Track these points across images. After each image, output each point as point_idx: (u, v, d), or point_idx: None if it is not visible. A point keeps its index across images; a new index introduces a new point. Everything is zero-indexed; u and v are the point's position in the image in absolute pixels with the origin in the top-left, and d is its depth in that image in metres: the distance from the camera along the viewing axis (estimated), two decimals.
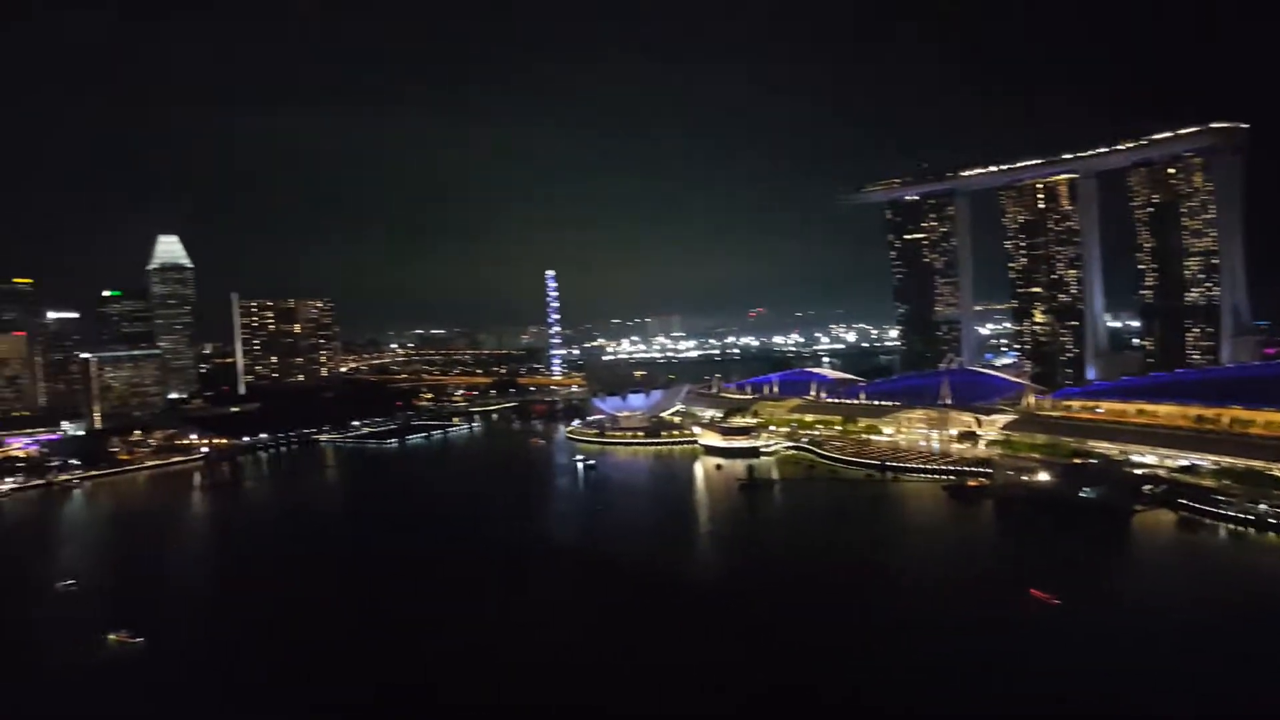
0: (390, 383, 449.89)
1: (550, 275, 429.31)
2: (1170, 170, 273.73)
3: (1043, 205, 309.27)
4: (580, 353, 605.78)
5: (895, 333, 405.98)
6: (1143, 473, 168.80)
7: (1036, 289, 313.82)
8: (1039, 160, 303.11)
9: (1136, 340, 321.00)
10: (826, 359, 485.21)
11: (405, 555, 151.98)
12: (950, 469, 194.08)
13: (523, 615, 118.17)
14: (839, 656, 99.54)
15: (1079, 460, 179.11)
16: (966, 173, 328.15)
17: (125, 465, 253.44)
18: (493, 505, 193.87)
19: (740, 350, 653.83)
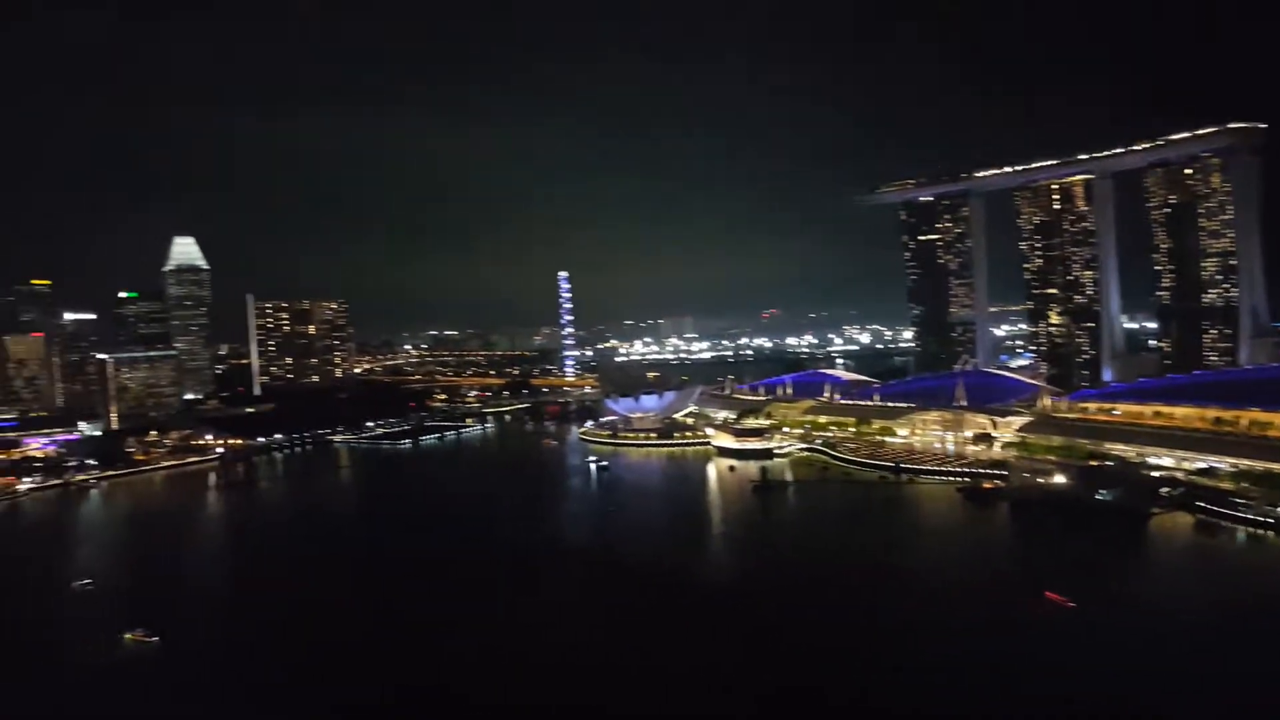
0: (404, 384, 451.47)
1: (563, 276, 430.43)
2: (1187, 171, 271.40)
3: (1058, 206, 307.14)
4: (593, 354, 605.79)
5: (910, 334, 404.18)
6: (1159, 475, 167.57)
7: (1052, 290, 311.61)
8: (1054, 161, 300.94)
9: (1153, 342, 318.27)
10: (840, 360, 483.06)
11: (419, 555, 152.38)
12: (965, 471, 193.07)
13: (535, 616, 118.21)
14: (849, 658, 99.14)
15: (1095, 462, 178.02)
16: (981, 173, 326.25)
17: (141, 465, 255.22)
18: (505, 506, 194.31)
19: (753, 351, 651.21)
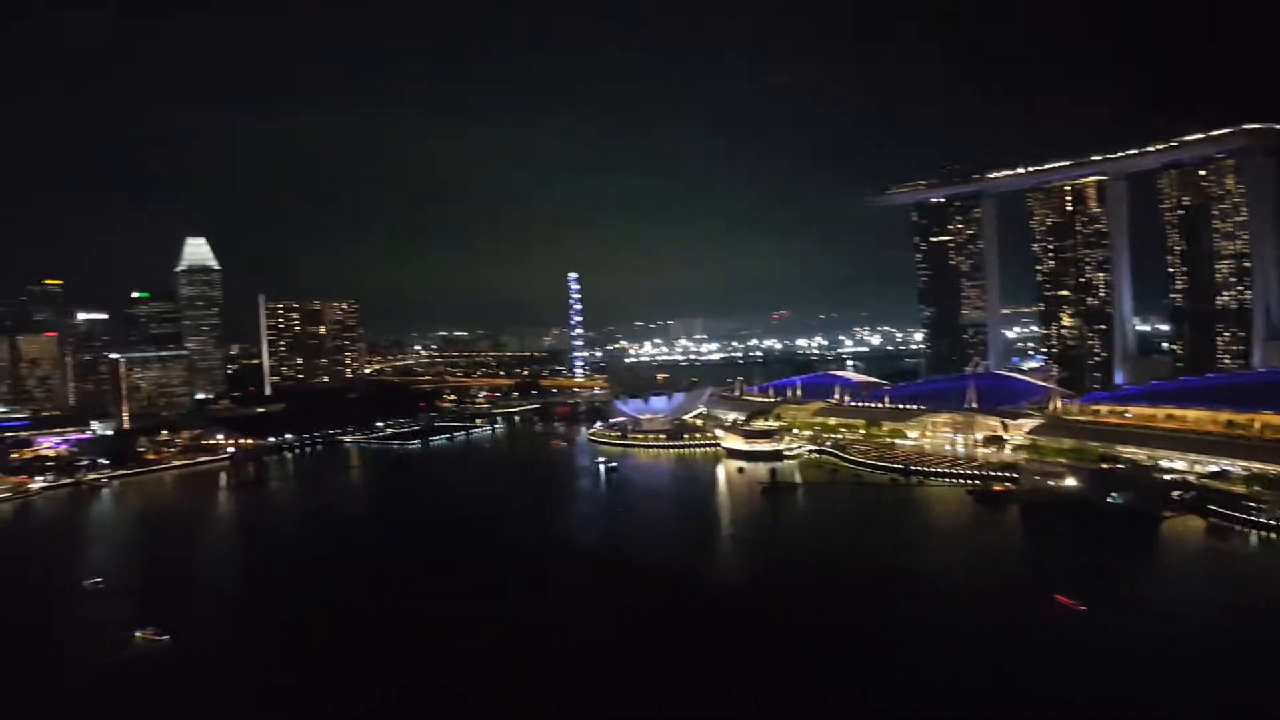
0: (414, 384, 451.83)
1: (573, 277, 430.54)
2: (1201, 172, 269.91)
3: (1071, 207, 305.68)
4: (602, 355, 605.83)
5: (920, 336, 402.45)
6: (1171, 478, 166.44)
7: (1064, 292, 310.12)
8: (1067, 162, 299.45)
9: (1166, 344, 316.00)
10: (850, 362, 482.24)
11: (428, 556, 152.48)
12: (976, 473, 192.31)
13: (543, 616, 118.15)
14: (857, 660, 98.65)
15: (1106, 465, 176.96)
16: (993, 174, 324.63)
17: (153, 465, 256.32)
18: (514, 507, 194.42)
19: (763, 353, 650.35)
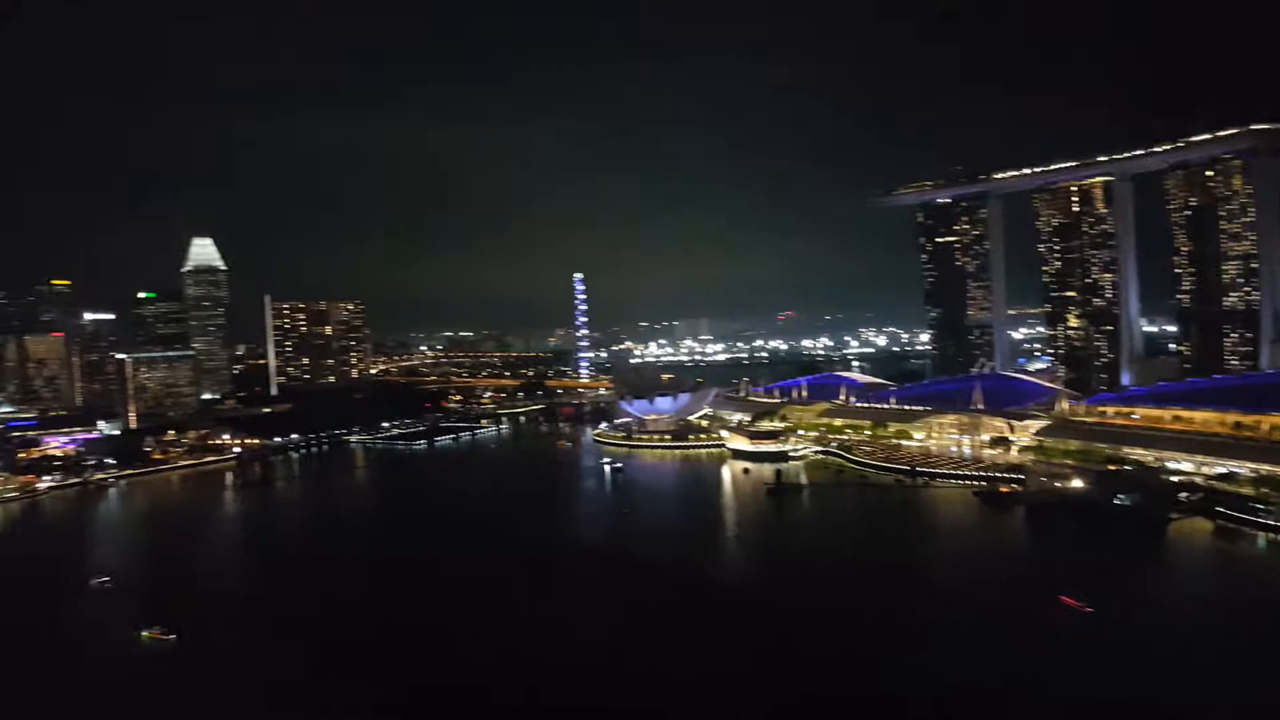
0: (419, 384, 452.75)
1: (578, 278, 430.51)
2: (1208, 172, 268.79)
3: (1077, 208, 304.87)
4: (608, 355, 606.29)
5: (926, 337, 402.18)
6: (1179, 480, 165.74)
7: (1071, 293, 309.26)
8: (1073, 163, 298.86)
9: (1172, 345, 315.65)
10: (856, 363, 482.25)
11: (433, 555, 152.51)
12: (982, 475, 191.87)
13: (548, 616, 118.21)
14: (862, 661, 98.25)
15: (1113, 467, 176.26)
16: (999, 175, 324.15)
17: (159, 465, 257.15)
18: (519, 507, 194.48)
19: (768, 354, 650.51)
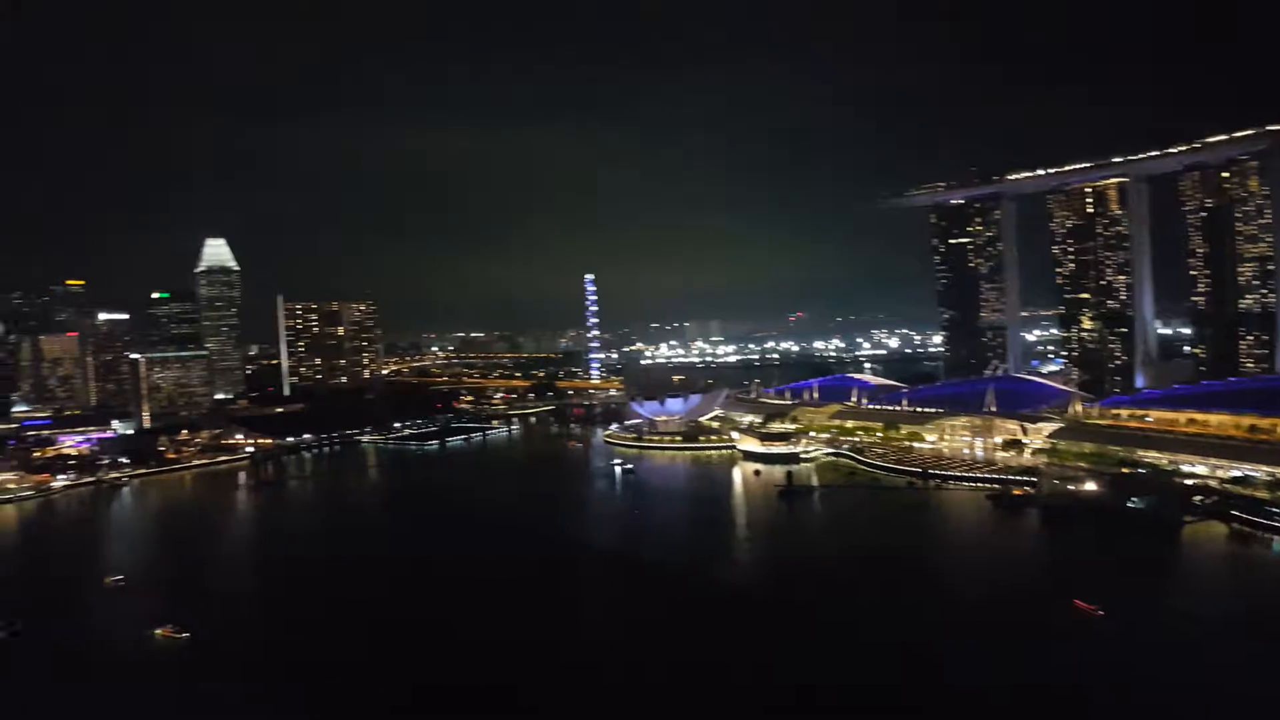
0: (431, 385, 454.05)
1: (589, 279, 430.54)
2: (1224, 174, 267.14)
3: (1091, 210, 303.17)
4: (618, 356, 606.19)
5: (939, 339, 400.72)
6: (1193, 483, 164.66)
7: (1084, 295, 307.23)
8: (1087, 164, 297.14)
9: (1187, 348, 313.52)
10: (868, 365, 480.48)
11: (444, 555, 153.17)
12: (994, 477, 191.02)
13: (556, 616, 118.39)
14: (873, 662, 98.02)
15: (1127, 470, 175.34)
16: (1013, 176, 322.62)
17: (173, 464, 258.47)
18: (530, 507, 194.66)
19: (780, 355, 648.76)
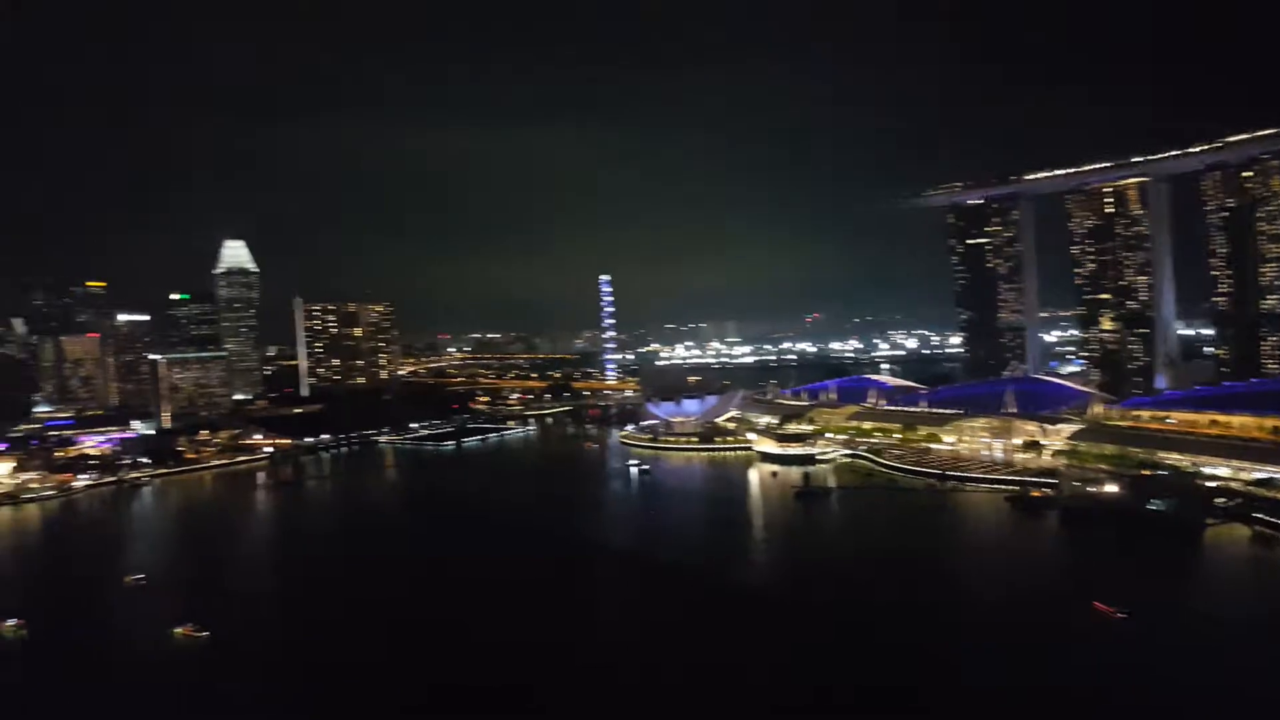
0: (447, 386, 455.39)
1: (604, 279, 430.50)
2: (1246, 173, 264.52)
3: (1111, 209, 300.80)
4: (634, 357, 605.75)
5: (957, 339, 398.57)
6: (1215, 485, 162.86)
7: (1104, 295, 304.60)
8: (1107, 164, 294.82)
9: (1209, 349, 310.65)
10: (886, 366, 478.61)
11: (460, 556, 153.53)
12: (1013, 479, 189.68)
13: (573, 618, 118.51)
14: (890, 665, 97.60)
15: (1148, 472, 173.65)
16: (1031, 176, 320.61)
17: (192, 464, 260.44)
18: (546, 508, 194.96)
19: (796, 356, 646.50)
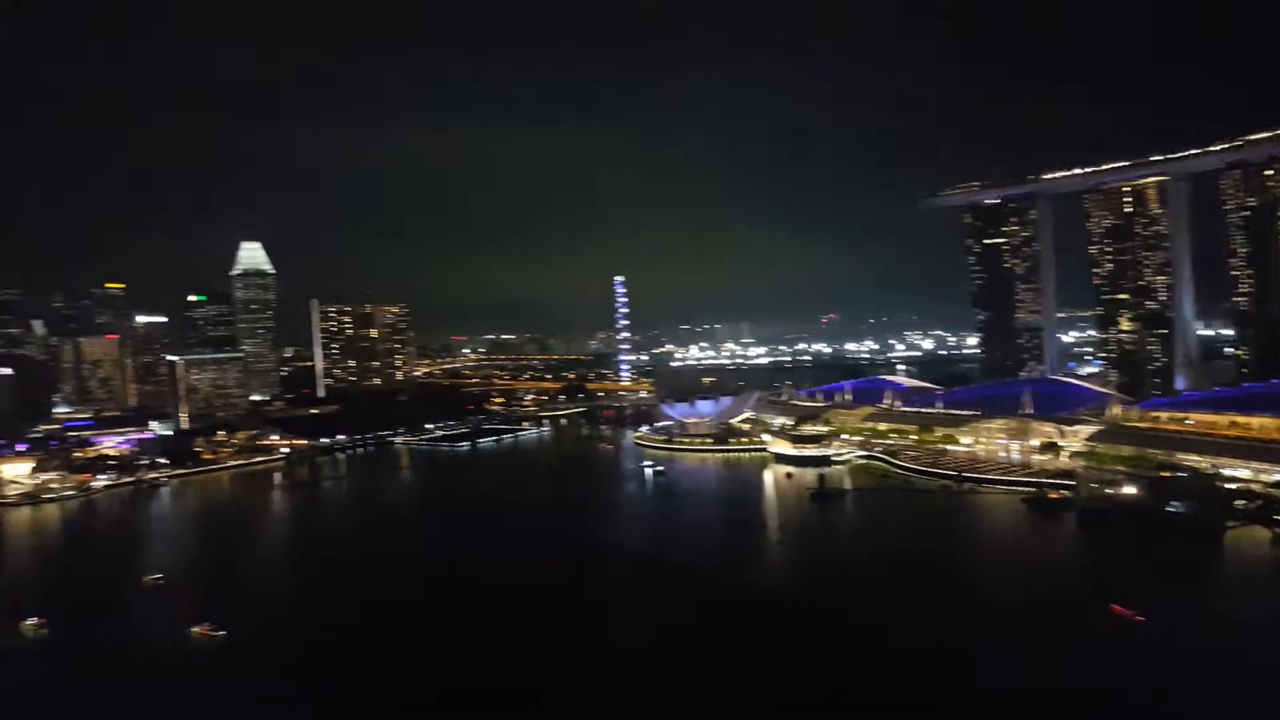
0: (462, 387, 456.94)
1: (619, 280, 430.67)
2: (1267, 172, 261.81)
3: (1130, 209, 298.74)
4: (649, 358, 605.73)
5: (974, 340, 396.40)
6: (1235, 487, 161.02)
7: (1123, 295, 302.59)
8: (1126, 163, 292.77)
9: (1229, 349, 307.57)
10: (901, 367, 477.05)
11: (475, 557, 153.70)
12: (1030, 481, 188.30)
13: (587, 619, 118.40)
14: (901, 665, 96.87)
15: (1167, 473, 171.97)
16: (1049, 176, 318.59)
17: (210, 464, 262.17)
18: (560, 509, 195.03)
19: (812, 357, 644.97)
